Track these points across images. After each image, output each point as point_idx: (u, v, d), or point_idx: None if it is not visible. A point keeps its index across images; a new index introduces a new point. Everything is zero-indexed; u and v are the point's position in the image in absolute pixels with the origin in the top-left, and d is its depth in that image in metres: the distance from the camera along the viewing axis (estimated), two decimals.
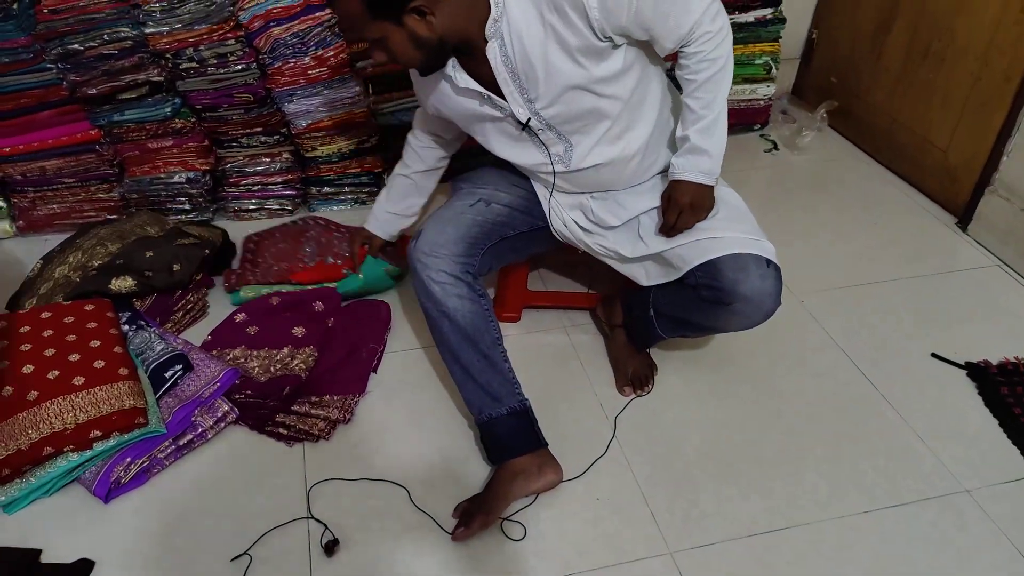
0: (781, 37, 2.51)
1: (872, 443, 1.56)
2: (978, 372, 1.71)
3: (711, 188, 1.40)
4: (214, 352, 1.71)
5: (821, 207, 2.33)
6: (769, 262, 1.35)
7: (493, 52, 1.26)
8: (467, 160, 2.00)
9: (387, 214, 1.80)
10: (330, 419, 1.54)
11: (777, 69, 2.55)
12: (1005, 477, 1.49)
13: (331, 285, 1.83)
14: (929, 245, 2.17)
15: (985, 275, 2.05)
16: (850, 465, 1.51)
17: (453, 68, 1.31)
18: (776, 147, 2.64)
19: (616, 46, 1.27)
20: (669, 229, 1.41)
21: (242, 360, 1.68)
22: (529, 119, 1.34)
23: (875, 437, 1.57)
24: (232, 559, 1.32)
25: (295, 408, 1.57)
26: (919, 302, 1.94)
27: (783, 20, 2.47)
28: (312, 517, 1.40)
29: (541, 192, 1.55)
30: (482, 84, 1.32)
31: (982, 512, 1.42)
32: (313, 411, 1.56)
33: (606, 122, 1.37)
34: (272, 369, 1.64)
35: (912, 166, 2.44)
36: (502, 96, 1.32)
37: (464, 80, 1.31)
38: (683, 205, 1.38)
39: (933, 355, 1.77)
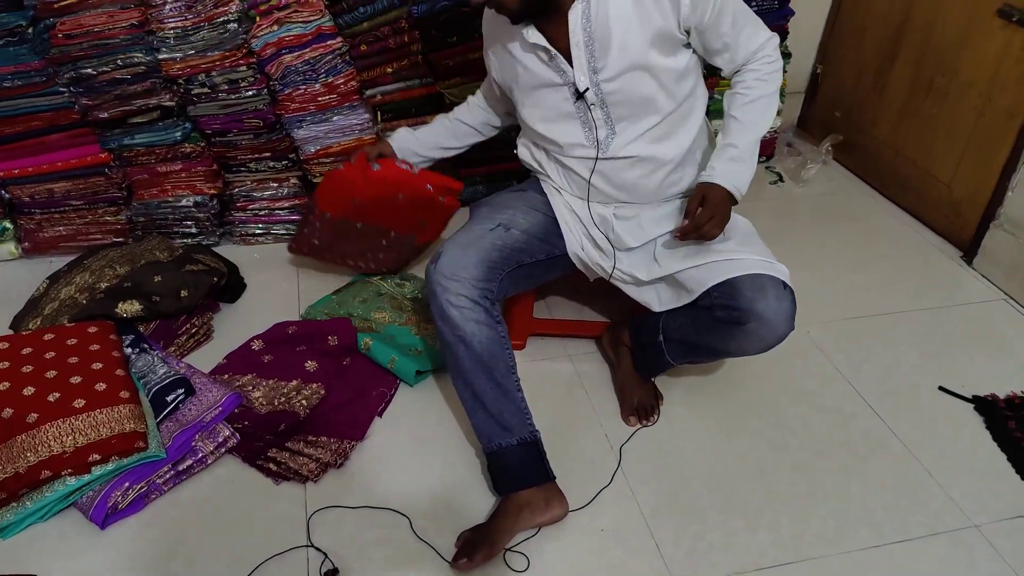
0: (786, 71, 2.52)
1: (880, 477, 1.54)
2: (986, 406, 1.70)
3: (733, 204, 1.43)
4: (225, 377, 1.71)
5: (826, 239, 2.34)
6: (785, 284, 1.36)
7: (576, 13, 1.32)
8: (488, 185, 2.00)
9: (409, 134, 1.77)
10: (322, 461, 1.51)
11: (783, 102, 2.58)
12: (1014, 512, 1.47)
13: (364, 345, 1.77)
14: (935, 278, 2.17)
15: (991, 309, 2.04)
16: (858, 499, 1.49)
17: (526, 25, 1.36)
18: (781, 179, 2.65)
19: (686, 45, 1.36)
20: (695, 229, 1.37)
21: (249, 388, 1.67)
22: (587, 89, 1.37)
23: (883, 471, 1.56)
24: None
25: (288, 445, 1.54)
26: (925, 335, 1.93)
27: (788, 55, 2.50)
28: (312, 546, 1.37)
29: (562, 213, 1.56)
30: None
31: (991, 548, 1.40)
32: (306, 450, 1.53)
33: (655, 117, 1.41)
34: (275, 402, 1.63)
35: (917, 200, 2.45)
36: (569, 62, 1.37)
37: (534, 36, 1.35)
38: (716, 208, 1.38)
39: (940, 388, 1.76)
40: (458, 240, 1.46)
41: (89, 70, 1.94)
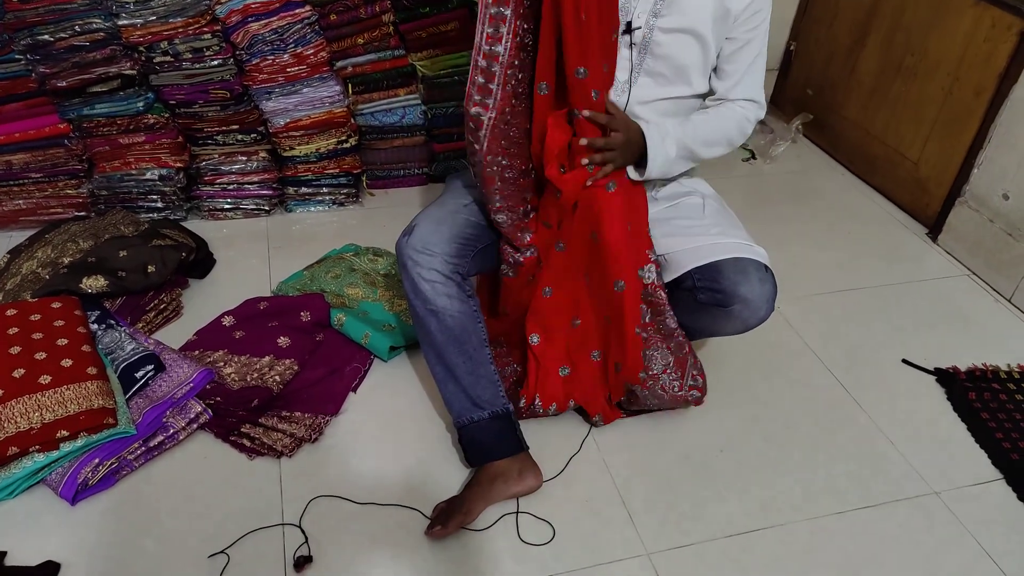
0: None
1: (845, 447, 1.58)
2: (947, 378, 1.75)
3: (637, 160, 1.36)
4: (196, 353, 1.68)
5: (796, 216, 2.37)
6: (766, 267, 1.38)
7: None
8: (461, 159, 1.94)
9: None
10: (296, 436, 1.50)
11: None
12: (972, 480, 1.53)
13: (337, 321, 1.75)
14: (900, 255, 2.22)
15: (954, 284, 2.10)
16: (824, 468, 1.53)
17: None
18: (754, 156, 2.68)
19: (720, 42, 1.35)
20: (595, 146, 1.28)
21: (220, 364, 1.65)
22: (639, 28, 1.32)
23: (848, 441, 1.60)
24: (210, 556, 1.30)
25: (262, 421, 1.53)
26: (890, 310, 1.98)
27: None
28: (285, 523, 1.37)
29: None
30: None
31: (950, 513, 1.46)
32: (280, 426, 1.52)
33: (679, 89, 1.38)
34: (248, 378, 1.61)
35: (884, 178, 2.49)
36: None
37: None
38: (619, 144, 1.30)
39: (904, 361, 1.81)
40: (431, 215, 1.44)
41: (46, 36, 1.87)
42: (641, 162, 1.36)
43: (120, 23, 1.90)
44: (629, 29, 1.33)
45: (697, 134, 1.39)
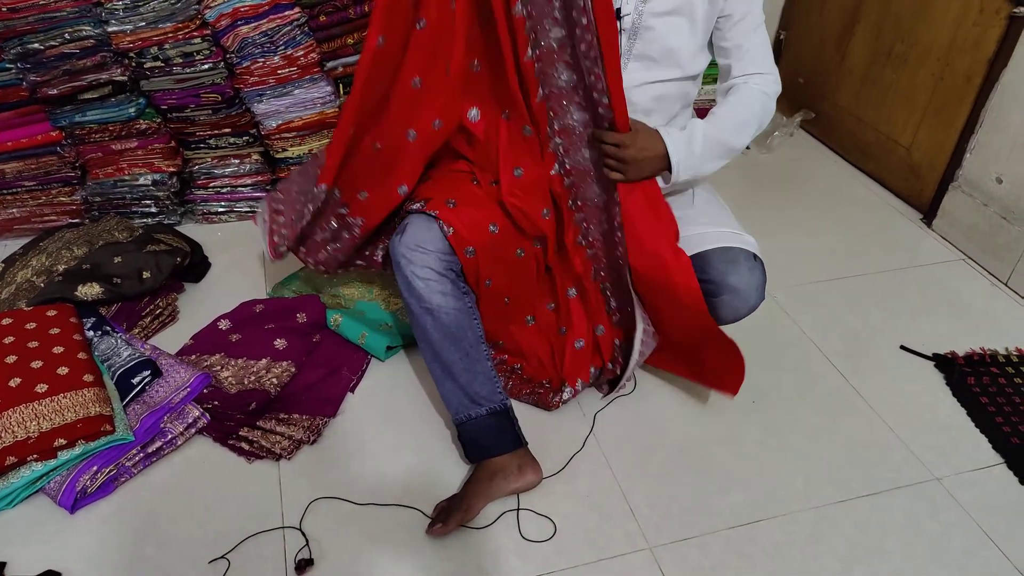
0: None
1: (845, 435, 1.58)
2: (946, 363, 1.75)
3: (660, 172, 1.35)
4: (192, 357, 1.68)
5: (791, 205, 2.37)
6: (755, 256, 1.37)
7: None
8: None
9: None
10: (295, 439, 1.50)
11: None
12: (974, 465, 1.52)
13: (334, 322, 1.75)
14: (896, 241, 2.22)
15: (950, 269, 2.10)
16: (825, 457, 1.53)
17: None
18: (747, 146, 2.67)
19: (710, 33, 1.34)
20: (612, 150, 1.30)
21: (217, 368, 1.64)
22: (627, 15, 1.30)
23: (848, 429, 1.60)
24: (211, 560, 1.29)
25: (260, 424, 1.53)
26: (887, 296, 1.98)
27: None
28: (286, 526, 1.37)
29: None
30: None
31: (952, 499, 1.45)
32: (278, 428, 1.51)
33: (663, 72, 1.35)
34: (245, 381, 1.60)
35: (878, 164, 2.49)
36: None
37: None
38: (638, 151, 1.29)
39: (902, 348, 1.81)
40: (424, 213, 1.44)
41: (36, 44, 1.87)
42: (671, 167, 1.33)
43: (110, 30, 1.89)
44: (618, 15, 1.31)
45: (723, 124, 1.36)
